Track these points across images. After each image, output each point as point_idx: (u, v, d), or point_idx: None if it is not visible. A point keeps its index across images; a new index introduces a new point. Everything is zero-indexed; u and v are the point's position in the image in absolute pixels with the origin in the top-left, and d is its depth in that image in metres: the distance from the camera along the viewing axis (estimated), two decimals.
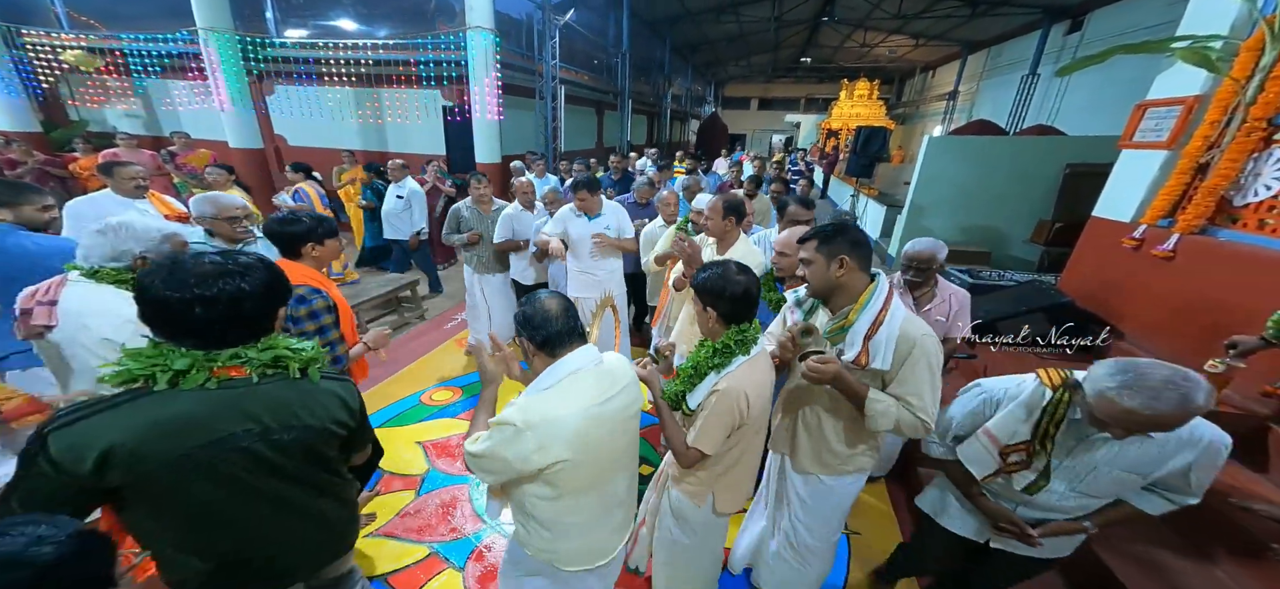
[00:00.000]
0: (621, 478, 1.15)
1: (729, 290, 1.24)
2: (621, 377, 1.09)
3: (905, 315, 1.25)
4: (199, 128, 7.88)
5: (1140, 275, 2.48)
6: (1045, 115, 9.62)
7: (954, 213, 5.26)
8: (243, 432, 0.87)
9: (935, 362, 1.23)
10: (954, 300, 1.97)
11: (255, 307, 0.89)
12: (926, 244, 1.91)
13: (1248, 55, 2.18)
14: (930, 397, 1.23)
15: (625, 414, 1.09)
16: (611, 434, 1.06)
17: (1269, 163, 2.13)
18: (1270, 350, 1.71)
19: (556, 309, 1.04)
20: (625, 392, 1.09)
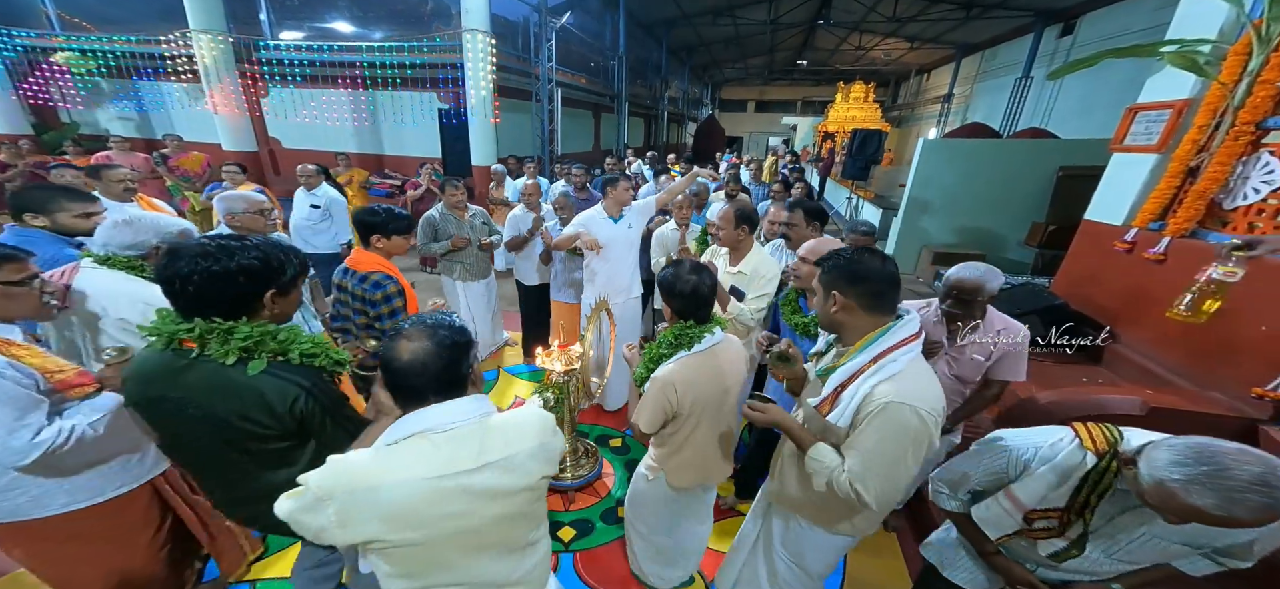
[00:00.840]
0: (491, 561, 0.91)
1: (678, 288, 1.34)
2: (500, 447, 0.85)
3: (897, 372, 1.04)
4: (192, 130, 7.85)
5: (1132, 278, 2.49)
6: (1038, 118, 9.70)
7: (949, 215, 5.29)
8: (170, 398, 1.00)
9: (903, 432, 1.01)
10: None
11: (233, 287, 0.98)
12: (975, 273, 1.58)
13: (1235, 59, 2.19)
14: (876, 468, 1.03)
15: (495, 490, 0.84)
16: (464, 512, 0.82)
17: (1257, 166, 2.14)
18: (1265, 343, 1.73)
19: (411, 353, 0.80)
20: (501, 467, 0.84)
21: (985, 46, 13.09)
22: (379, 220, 1.81)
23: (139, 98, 7.97)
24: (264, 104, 7.77)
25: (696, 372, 1.36)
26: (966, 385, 1.72)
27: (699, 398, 1.38)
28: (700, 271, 1.35)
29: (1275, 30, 2.04)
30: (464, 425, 0.84)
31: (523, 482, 0.88)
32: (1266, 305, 1.90)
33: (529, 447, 0.89)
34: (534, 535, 0.99)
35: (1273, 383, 1.80)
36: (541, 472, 0.91)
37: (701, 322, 1.39)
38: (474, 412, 0.86)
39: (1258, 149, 2.15)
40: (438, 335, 0.83)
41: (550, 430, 0.95)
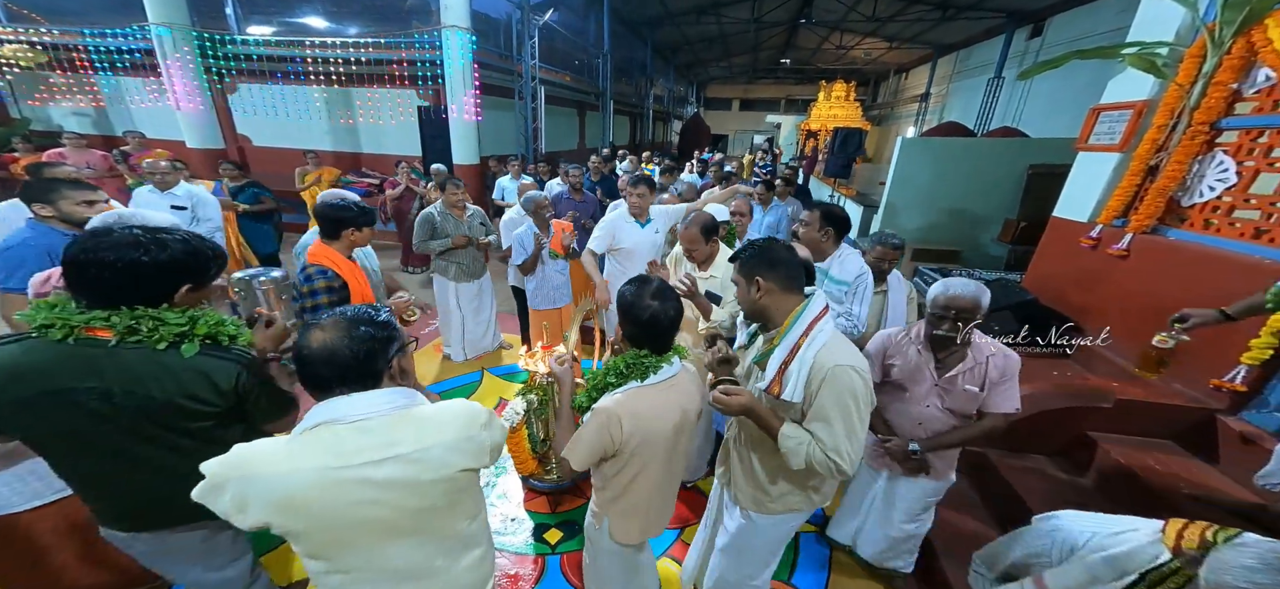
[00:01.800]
0: (411, 549, 0.91)
1: (635, 312, 1.19)
2: (411, 440, 0.84)
3: (826, 341, 1.13)
4: (154, 126, 7.52)
5: (1098, 273, 2.59)
6: (1010, 117, 10.01)
7: (926, 212, 5.41)
8: (84, 389, 0.94)
9: (852, 394, 1.08)
10: (993, 366, 1.45)
11: (150, 278, 0.98)
12: (967, 290, 1.42)
13: (1191, 62, 2.29)
14: (842, 432, 1.09)
15: (401, 481, 0.84)
16: (369, 501, 0.82)
17: (1212, 165, 2.25)
18: (1220, 336, 1.82)
19: (320, 344, 0.82)
20: (410, 460, 0.84)
21: (960, 47, 13.44)
22: (345, 216, 1.85)
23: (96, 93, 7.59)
24: (231, 100, 7.48)
25: (648, 406, 1.19)
26: (958, 418, 1.54)
27: (649, 437, 1.20)
28: (664, 298, 1.20)
29: (1227, 34, 2.14)
30: (375, 417, 0.84)
31: (435, 474, 0.87)
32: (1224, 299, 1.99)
33: (446, 439, 0.88)
34: (467, 527, 0.98)
35: (1229, 374, 1.89)
36: (461, 464, 0.89)
37: (658, 351, 1.23)
38: (388, 403, 0.86)
39: (1212, 148, 2.26)
40: (352, 328, 0.85)
41: (479, 423, 0.93)
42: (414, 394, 0.92)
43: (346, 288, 1.83)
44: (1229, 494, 1.66)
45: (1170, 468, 1.84)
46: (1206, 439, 1.94)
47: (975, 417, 1.52)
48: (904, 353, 1.58)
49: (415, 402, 0.91)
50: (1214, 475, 1.82)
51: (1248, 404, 1.90)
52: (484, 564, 1.05)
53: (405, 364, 0.94)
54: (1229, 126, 2.20)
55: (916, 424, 1.57)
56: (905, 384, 1.56)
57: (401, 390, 0.90)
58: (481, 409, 0.96)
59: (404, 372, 0.93)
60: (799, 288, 1.22)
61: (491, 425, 0.96)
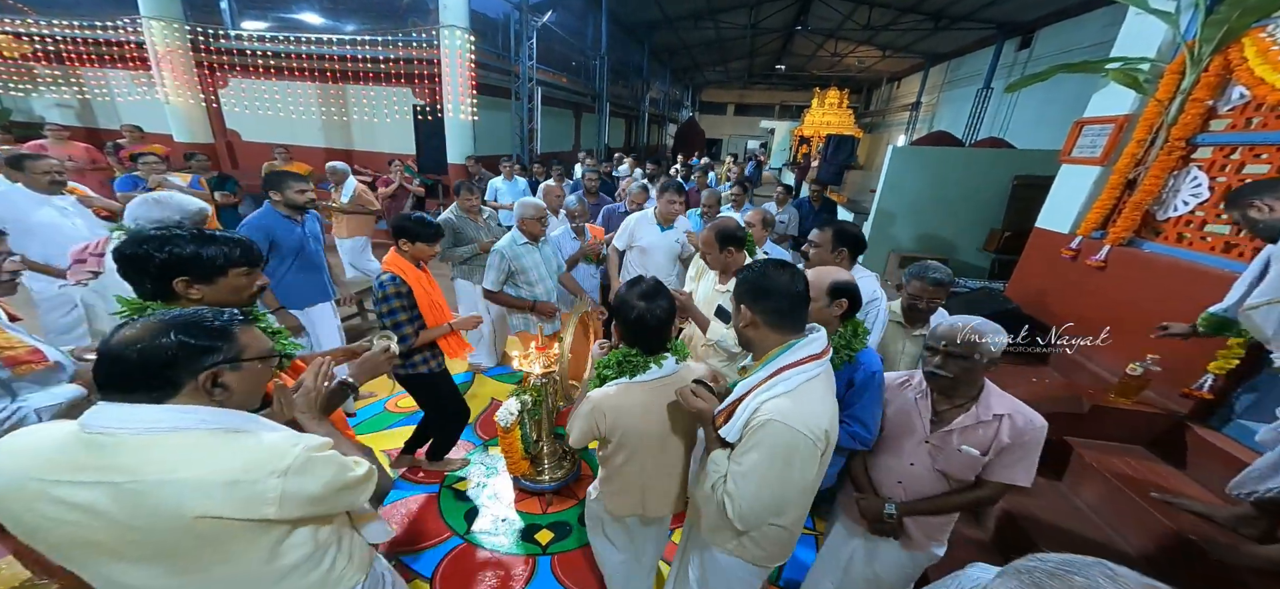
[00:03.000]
0: (133, 571, 0.78)
1: (623, 312, 1.25)
2: (128, 469, 0.72)
3: (784, 391, 1.01)
4: (140, 119, 7.38)
5: (1077, 283, 2.66)
6: (997, 128, 10.20)
7: (915, 221, 5.51)
8: None
9: (773, 454, 1.00)
10: (1006, 429, 1.20)
11: (156, 272, 1.11)
12: (969, 325, 1.21)
13: (1171, 78, 2.35)
14: (744, 481, 1.03)
15: (101, 512, 0.72)
16: (75, 522, 0.73)
17: (1187, 180, 2.33)
18: (1192, 347, 1.90)
19: (116, 340, 0.76)
20: (116, 491, 0.72)
21: (951, 57, 13.67)
22: (407, 228, 2.02)
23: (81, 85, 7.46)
24: (222, 95, 7.41)
25: (632, 403, 1.27)
26: (952, 482, 1.31)
27: (631, 430, 1.28)
28: (652, 298, 1.23)
29: (1206, 52, 2.20)
30: (124, 431, 0.73)
31: (157, 514, 0.72)
32: (1195, 310, 2.06)
33: (194, 477, 0.73)
34: (229, 574, 0.81)
35: (1197, 382, 1.96)
36: (203, 510, 0.73)
37: (649, 351, 1.28)
38: (170, 420, 0.75)
39: (1188, 164, 2.34)
40: (159, 330, 0.76)
41: (269, 469, 0.77)
42: (242, 417, 0.82)
43: (412, 293, 1.98)
44: (1195, 497, 1.72)
45: (1139, 472, 1.90)
46: (1176, 445, 2.01)
47: (973, 483, 1.28)
48: (900, 396, 1.39)
49: (235, 424, 0.81)
50: (1180, 479, 1.88)
51: (1216, 412, 1.97)
52: None
53: (232, 380, 0.82)
54: (1204, 142, 2.28)
55: (896, 482, 1.37)
56: (893, 433, 1.39)
57: (216, 410, 0.80)
58: (292, 453, 0.80)
59: (226, 388, 0.82)
60: (791, 325, 1.08)
61: (306, 472, 0.80)
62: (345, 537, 1.02)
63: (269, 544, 0.83)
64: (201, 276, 1.14)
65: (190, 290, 1.13)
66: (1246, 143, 2.10)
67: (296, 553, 0.87)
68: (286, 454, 0.79)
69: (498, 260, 2.47)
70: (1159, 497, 1.74)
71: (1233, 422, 1.91)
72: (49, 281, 2.59)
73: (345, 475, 0.88)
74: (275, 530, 0.82)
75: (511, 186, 5.20)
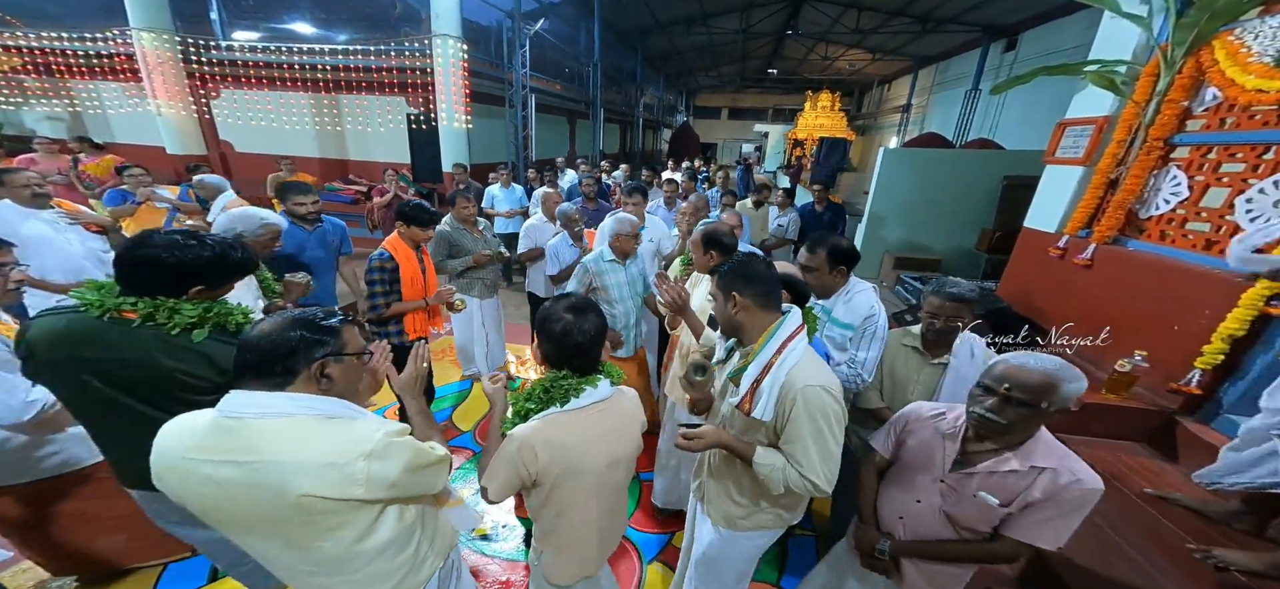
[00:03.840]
0: (273, 548, 0.92)
1: (547, 328, 1.11)
2: (264, 448, 0.84)
3: (799, 361, 1.14)
4: (132, 132, 7.39)
5: (1065, 282, 2.71)
6: (986, 129, 10.35)
7: (908, 222, 5.58)
8: (104, 357, 1.11)
9: (824, 414, 1.10)
10: (1041, 484, 1.06)
11: (170, 275, 1.16)
12: (1042, 366, 1.05)
13: (1146, 80, 2.42)
14: (816, 455, 1.11)
15: (236, 485, 0.83)
16: (214, 496, 0.87)
17: (1167, 179, 2.39)
18: (1181, 342, 1.95)
19: (252, 333, 0.91)
20: (246, 468, 0.83)
21: (939, 59, 13.87)
22: (405, 212, 2.31)
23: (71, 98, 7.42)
24: (214, 107, 7.39)
25: (569, 434, 1.08)
26: (961, 531, 1.18)
27: (571, 467, 1.09)
28: (581, 312, 1.11)
29: (1179, 54, 2.27)
30: (242, 416, 0.84)
31: (273, 491, 0.82)
32: (1179, 309, 2.12)
33: (301, 459, 0.82)
34: (333, 549, 0.90)
35: (1185, 378, 2.01)
36: (307, 489, 0.82)
37: (580, 372, 1.13)
38: (289, 407, 0.85)
39: (1167, 163, 2.40)
40: (286, 326, 0.89)
41: (357, 452, 0.85)
42: (341, 405, 0.90)
43: (398, 270, 2.22)
44: (1183, 491, 1.75)
45: (1130, 466, 1.94)
46: (1166, 440, 2.05)
47: (988, 536, 1.14)
48: (923, 431, 1.26)
49: (334, 411, 0.89)
50: (1170, 473, 1.92)
51: (1204, 406, 2.01)
52: (368, 580, 0.96)
53: (335, 372, 0.91)
54: (1181, 142, 2.34)
55: (897, 517, 1.28)
56: (909, 465, 1.28)
57: (320, 398, 0.88)
58: (375, 439, 0.87)
59: (330, 378, 0.91)
60: (775, 305, 1.22)
61: (385, 456, 0.88)
62: (428, 522, 1.09)
63: (363, 524, 0.91)
64: (215, 284, 1.25)
65: (200, 295, 1.23)
66: (1221, 142, 2.17)
67: (386, 533, 0.95)
68: (371, 439, 0.88)
69: (581, 273, 2.42)
70: (1151, 492, 1.77)
71: (1221, 415, 1.95)
72: (46, 296, 2.58)
73: (422, 458, 0.95)
74: (367, 511, 0.91)
75: (508, 194, 5.21)
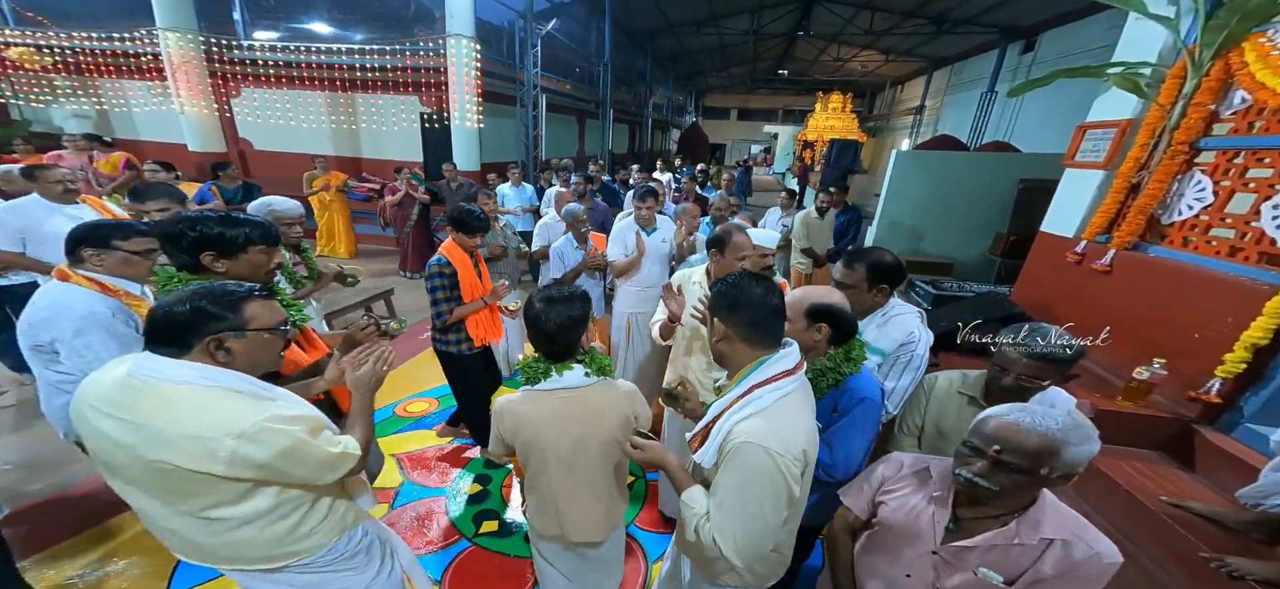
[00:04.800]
0: (132, 495, 0.97)
1: (525, 313, 1.27)
2: (143, 411, 0.88)
3: (760, 410, 0.96)
4: (155, 129, 7.59)
5: (1082, 288, 2.66)
6: (1002, 132, 10.17)
7: (920, 224, 5.50)
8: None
9: (757, 478, 0.92)
10: (1051, 558, 0.92)
11: (180, 244, 1.32)
12: (1038, 426, 0.92)
13: (1172, 83, 2.36)
14: (731, 519, 0.95)
15: (114, 442, 0.90)
16: (93, 439, 0.94)
17: (1191, 184, 2.33)
18: (1200, 350, 1.91)
19: (161, 301, 0.97)
20: (126, 425, 0.88)
21: (955, 61, 13.66)
22: (454, 219, 2.35)
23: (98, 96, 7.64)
24: (234, 105, 7.56)
25: (536, 411, 1.24)
26: None
27: (534, 440, 1.25)
28: (551, 302, 1.21)
29: (1207, 57, 2.21)
30: (146, 378, 0.88)
31: (141, 455, 0.86)
32: (1201, 314, 2.07)
33: (169, 430, 0.85)
34: (199, 510, 0.93)
35: (1204, 386, 1.96)
36: (168, 459, 0.85)
37: (554, 358, 1.25)
38: (175, 374, 0.89)
39: (1191, 168, 2.34)
40: (180, 295, 0.94)
41: (227, 431, 0.86)
42: (244, 380, 0.93)
43: (456, 275, 2.28)
44: (1202, 500, 1.71)
45: (1146, 475, 1.90)
46: (1184, 448, 2.00)
47: None
48: (904, 491, 1.11)
49: (235, 385, 0.91)
50: (1188, 483, 1.88)
51: (1224, 415, 1.96)
52: (246, 544, 0.99)
53: (236, 346, 0.94)
54: (1207, 147, 2.28)
55: None
56: (893, 532, 1.10)
57: (221, 371, 0.91)
58: (253, 420, 0.89)
59: (229, 352, 0.93)
60: (765, 339, 1.03)
61: (258, 440, 0.89)
62: (324, 502, 1.11)
63: (234, 492, 0.94)
64: (224, 253, 1.35)
65: (216, 264, 1.34)
66: (1249, 147, 2.11)
67: (260, 503, 0.97)
68: (245, 420, 0.89)
69: None
70: (1167, 500, 1.73)
71: (1241, 425, 1.91)
72: None
73: (307, 451, 0.96)
74: (235, 483, 0.92)
75: (518, 192, 5.28)
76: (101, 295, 1.51)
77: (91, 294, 1.50)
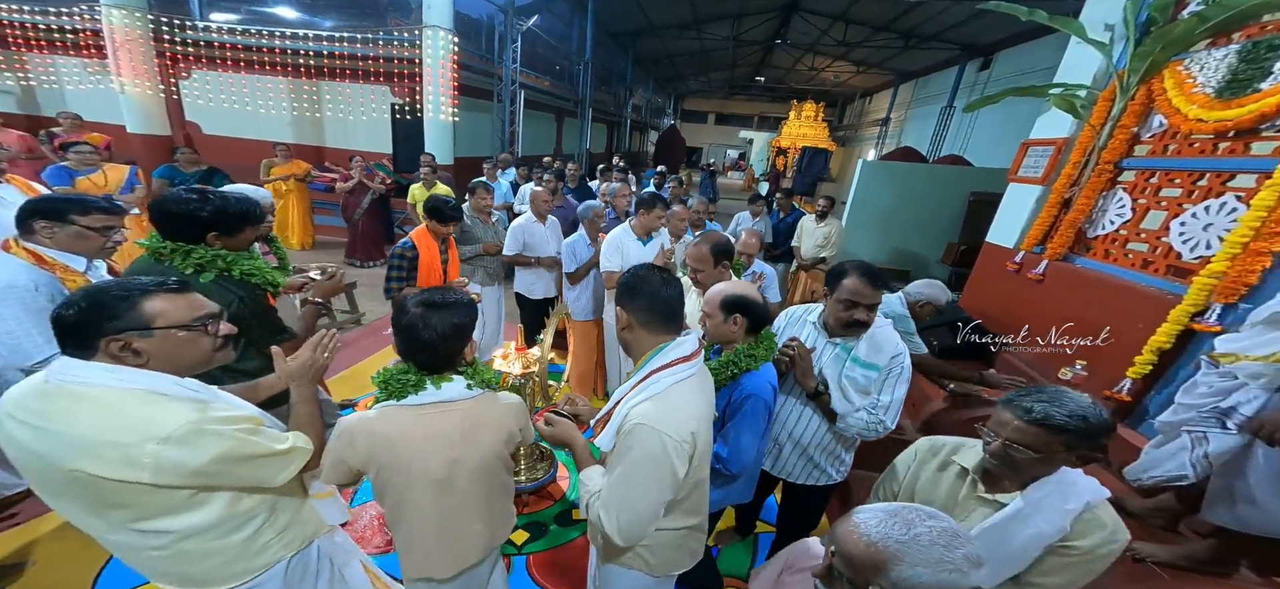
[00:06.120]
0: (57, 504, 0.90)
1: (395, 320, 1.10)
2: (51, 415, 0.83)
3: (655, 394, 1.01)
4: (90, 108, 7.04)
5: (1020, 295, 2.87)
6: (958, 146, 10.75)
7: (882, 233, 5.77)
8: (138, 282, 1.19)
9: (645, 457, 0.97)
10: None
11: (182, 222, 1.41)
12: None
13: (1103, 104, 2.57)
14: (618, 491, 1.00)
15: (26, 449, 0.84)
16: (11, 446, 0.86)
17: (1113, 201, 2.56)
18: (1114, 354, 2.10)
19: (70, 298, 0.90)
20: (34, 430, 0.83)
21: (919, 75, 14.35)
22: (430, 207, 2.47)
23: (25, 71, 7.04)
24: (182, 86, 7.13)
25: (399, 430, 1.06)
26: None
27: (398, 465, 1.06)
28: (433, 308, 1.06)
29: (1133, 81, 2.41)
30: (62, 382, 0.83)
31: (52, 462, 0.81)
32: (1118, 320, 2.26)
33: (76, 434, 0.81)
34: (121, 524, 0.87)
35: (1116, 386, 2.16)
36: (81, 465, 0.80)
37: (428, 368, 1.10)
38: (79, 376, 0.83)
39: (1115, 186, 2.57)
40: (76, 295, 0.87)
41: (147, 435, 0.81)
42: (168, 381, 0.87)
43: (417, 260, 2.38)
44: (1112, 487, 1.90)
45: None
46: None
47: None
48: (796, 584, 1.04)
49: (157, 387, 0.86)
50: (1100, 473, 2.06)
51: (1133, 412, 2.17)
52: (174, 553, 0.92)
53: (146, 346, 0.87)
54: (1128, 166, 2.50)
55: None
56: None
57: (139, 373, 0.85)
58: (178, 424, 0.83)
59: (138, 353, 0.86)
60: (664, 327, 1.08)
61: (188, 443, 0.83)
62: (282, 511, 1.04)
63: (171, 501, 0.87)
64: (227, 231, 1.46)
65: (216, 242, 1.45)
66: (1163, 168, 2.34)
67: (206, 516, 0.91)
68: (168, 424, 0.83)
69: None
70: None
71: (1146, 421, 2.11)
72: None
73: (248, 449, 0.91)
74: (166, 494, 0.85)
75: (495, 187, 5.23)
76: (31, 267, 1.46)
77: (20, 265, 1.46)
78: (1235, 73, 2.04)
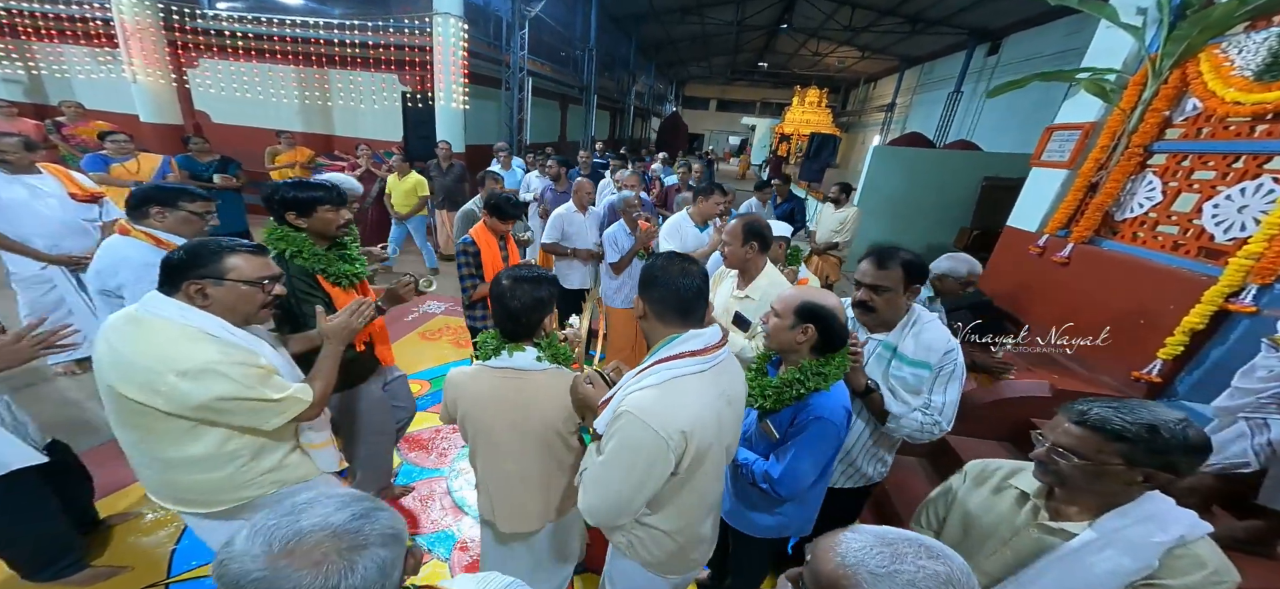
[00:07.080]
0: (115, 427, 1.11)
1: (494, 290, 1.21)
2: (120, 342, 1.03)
3: (652, 384, 0.97)
4: (100, 98, 6.99)
5: (1044, 278, 2.88)
6: (966, 131, 10.68)
7: (891, 218, 5.75)
8: None
9: (625, 444, 0.96)
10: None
11: (274, 206, 1.55)
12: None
13: (1134, 88, 2.55)
14: (595, 474, 1.00)
15: (100, 367, 1.03)
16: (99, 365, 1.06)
17: (1142, 184, 2.57)
18: (1144, 334, 2.10)
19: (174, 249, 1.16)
20: (109, 352, 1.03)
21: (925, 60, 14.19)
22: (490, 203, 2.51)
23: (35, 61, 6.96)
24: (190, 75, 7.05)
25: (480, 389, 1.20)
26: None
27: (472, 417, 1.21)
28: (520, 283, 1.17)
29: (1167, 65, 2.39)
30: (144, 313, 1.03)
31: (108, 382, 1.00)
32: (1146, 304, 2.30)
33: (130, 361, 0.99)
34: (146, 436, 1.06)
35: (1147, 367, 2.19)
36: (125, 390, 0.98)
37: (510, 338, 1.21)
38: (160, 310, 1.03)
39: (1144, 169, 2.57)
40: (187, 244, 1.12)
41: (172, 368, 0.97)
42: (217, 323, 1.04)
43: (480, 255, 2.46)
44: None
45: None
46: None
47: None
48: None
49: (208, 328, 1.03)
50: None
51: (1163, 393, 2.21)
52: (225, 487, 1.13)
53: (213, 293, 1.06)
54: (1159, 150, 2.50)
55: None
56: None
57: (200, 312, 1.04)
58: (198, 361, 0.98)
59: (206, 297, 1.05)
60: (678, 319, 1.04)
61: (199, 379, 0.97)
62: (267, 454, 1.18)
63: (178, 430, 1.04)
64: (300, 212, 1.54)
65: (297, 221, 1.54)
66: (1196, 151, 2.34)
67: (198, 449, 1.07)
68: (193, 360, 0.98)
69: None
70: None
71: (1177, 401, 2.15)
72: (27, 261, 2.52)
73: (249, 394, 1.04)
74: (177, 421, 1.01)
75: (509, 176, 5.23)
76: (155, 248, 1.70)
77: (147, 246, 1.71)
78: (1276, 55, 2.04)
